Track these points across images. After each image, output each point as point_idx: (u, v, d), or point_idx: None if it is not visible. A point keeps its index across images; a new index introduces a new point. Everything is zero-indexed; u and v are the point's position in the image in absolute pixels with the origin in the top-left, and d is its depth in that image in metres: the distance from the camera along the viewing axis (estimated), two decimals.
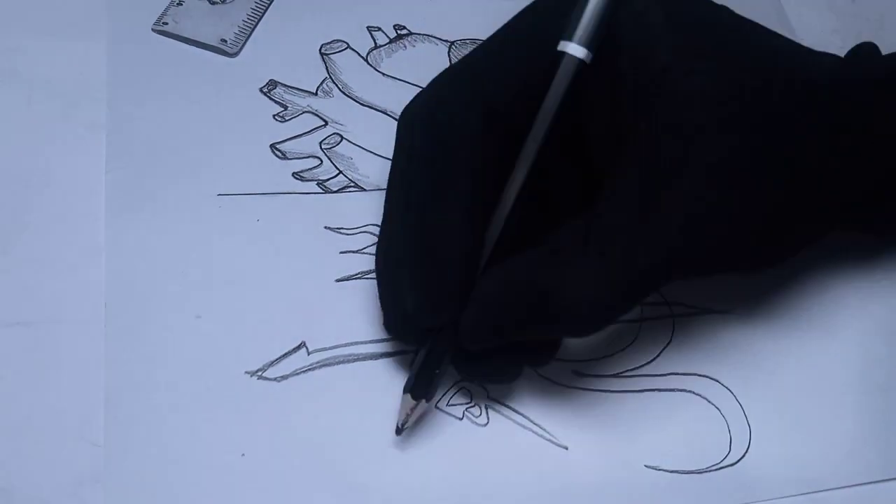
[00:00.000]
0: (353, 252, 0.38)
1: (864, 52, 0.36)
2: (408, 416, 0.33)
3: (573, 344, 0.36)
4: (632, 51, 0.32)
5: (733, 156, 0.31)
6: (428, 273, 0.32)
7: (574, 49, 0.32)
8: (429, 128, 0.33)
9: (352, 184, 0.40)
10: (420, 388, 0.33)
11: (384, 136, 0.40)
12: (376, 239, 0.37)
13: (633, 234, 0.31)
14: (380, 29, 0.45)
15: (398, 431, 0.33)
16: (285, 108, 0.42)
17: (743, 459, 0.35)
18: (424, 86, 0.35)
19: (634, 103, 0.32)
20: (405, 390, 0.33)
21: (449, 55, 0.44)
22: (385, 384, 0.35)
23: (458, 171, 0.32)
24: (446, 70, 0.35)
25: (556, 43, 0.32)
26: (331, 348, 0.36)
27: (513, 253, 0.33)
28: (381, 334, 0.36)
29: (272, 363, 0.35)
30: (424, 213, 0.32)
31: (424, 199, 0.32)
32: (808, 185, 0.33)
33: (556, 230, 0.33)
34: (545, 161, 0.32)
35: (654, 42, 0.32)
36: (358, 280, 0.37)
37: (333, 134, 0.41)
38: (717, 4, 0.34)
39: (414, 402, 0.33)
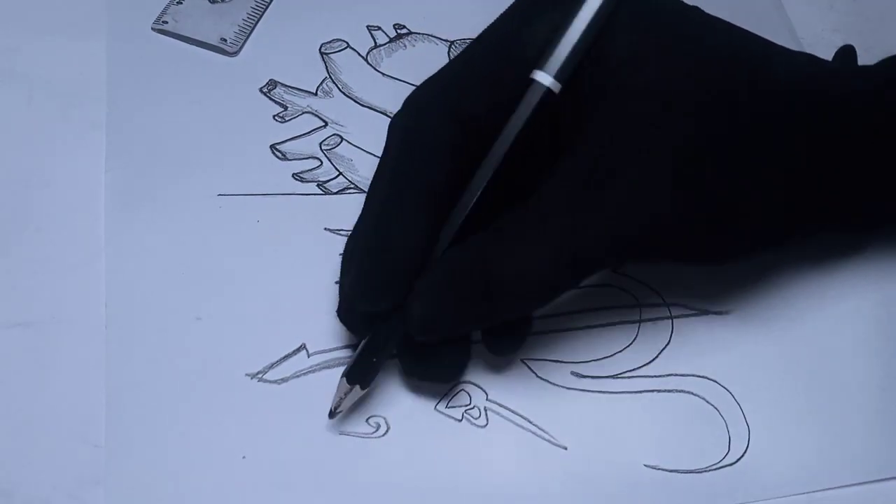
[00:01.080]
0: None
1: (843, 54, 0.36)
2: (341, 400, 0.33)
3: (571, 345, 0.37)
4: (592, 51, 0.33)
5: (683, 143, 0.32)
6: (371, 261, 0.32)
7: (543, 78, 0.33)
8: (403, 134, 0.34)
9: (352, 185, 0.40)
10: (355, 374, 0.33)
11: (384, 138, 0.40)
12: None
13: (574, 210, 0.31)
14: (380, 28, 0.45)
15: (331, 414, 0.33)
16: (285, 108, 0.42)
17: (742, 459, 0.35)
18: None
19: (591, 99, 0.32)
20: (342, 374, 0.33)
21: (449, 54, 0.44)
22: (385, 385, 0.35)
23: (419, 171, 0.33)
24: (427, 80, 0.35)
25: (526, 53, 0.33)
26: (331, 350, 0.36)
27: None
28: None
29: (272, 365, 0.35)
30: (381, 208, 0.33)
31: (383, 195, 0.33)
32: (768, 181, 0.33)
33: None
34: (511, 166, 0.33)
35: (612, 41, 0.32)
36: None
37: (333, 135, 0.41)
38: (686, 5, 0.34)
39: (348, 386, 0.33)
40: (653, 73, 0.32)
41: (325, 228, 0.39)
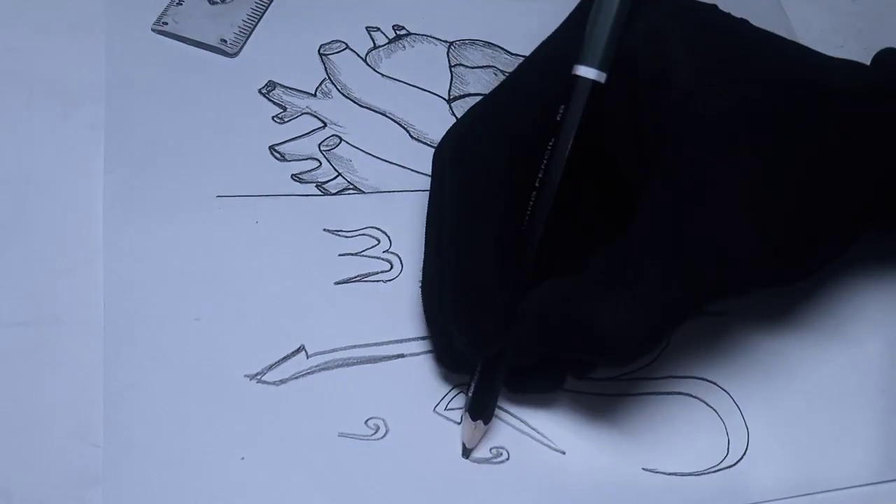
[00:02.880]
0: (353, 255, 0.38)
1: (886, 57, 0.36)
2: (472, 437, 0.34)
3: None
4: (650, 75, 0.32)
5: (759, 178, 0.31)
6: (471, 312, 0.32)
7: (586, 71, 0.32)
8: (457, 165, 0.34)
9: (351, 186, 0.40)
10: (477, 411, 0.34)
11: (383, 139, 0.41)
12: (375, 241, 0.38)
13: (665, 268, 0.31)
14: (379, 29, 0.45)
15: (466, 453, 0.34)
16: (284, 109, 0.42)
17: (741, 461, 0.35)
18: (423, 87, 0.34)
19: (657, 130, 0.32)
20: (465, 411, 0.34)
21: (448, 55, 0.44)
22: (384, 387, 0.35)
23: (487, 207, 0.33)
24: (473, 106, 0.35)
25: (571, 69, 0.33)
26: (330, 351, 0.36)
27: (551, 275, 0.33)
28: (380, 338, 0.36)
29: (271, 366, 0.35)
30: (458, 251, 0.33)
31: (457, 237, 0.33)
32: (835, 197, 0.33)
33: (592, 251, 0.33)
34: (572, 184, 0.33)
35: (672, 66, 0.32)
36: (357, 283, 0.37)
37: (332, 136, 0.41)
38: (735, 18, 0.34)
39: (473, 423, 0.34)
40: (719, 104, 0.31)
41: (324, 229, 0.39)
